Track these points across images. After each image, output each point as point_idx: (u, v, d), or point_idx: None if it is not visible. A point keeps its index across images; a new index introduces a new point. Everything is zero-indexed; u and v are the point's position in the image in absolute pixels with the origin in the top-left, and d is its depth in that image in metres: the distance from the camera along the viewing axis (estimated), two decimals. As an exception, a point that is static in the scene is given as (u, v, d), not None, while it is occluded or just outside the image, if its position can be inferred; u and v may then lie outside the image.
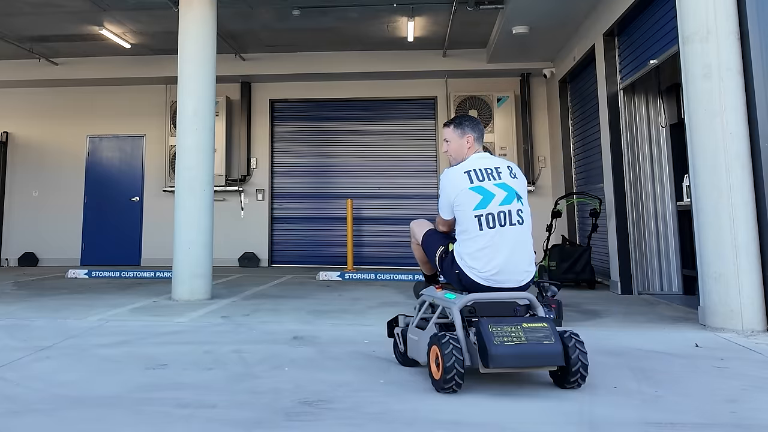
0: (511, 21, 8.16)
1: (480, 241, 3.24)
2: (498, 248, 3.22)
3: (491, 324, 2.94)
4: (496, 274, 3.22)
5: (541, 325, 2.98)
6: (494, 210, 3.25)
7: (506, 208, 3.27)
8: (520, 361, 2.91)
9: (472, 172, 3.34)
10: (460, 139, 3.50)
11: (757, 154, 4.57)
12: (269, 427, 2.56)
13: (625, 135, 7.10)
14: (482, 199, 3.27)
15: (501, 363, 2.87)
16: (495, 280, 3.23)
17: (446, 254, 3.43)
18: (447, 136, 3.56)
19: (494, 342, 2.86)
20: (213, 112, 6.76)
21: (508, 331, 2.92)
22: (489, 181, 3.31)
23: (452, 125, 3.55)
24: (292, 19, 8.68)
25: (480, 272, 3.23)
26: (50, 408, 2.82)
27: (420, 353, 3.23)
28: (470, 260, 3.25)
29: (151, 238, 10.87)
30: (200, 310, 5.70)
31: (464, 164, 3.41)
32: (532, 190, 10.31)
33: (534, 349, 2.89)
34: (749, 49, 4.63)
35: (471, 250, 3.25)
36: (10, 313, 5.48)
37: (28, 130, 11.48)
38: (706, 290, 4.74)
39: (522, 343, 2.88)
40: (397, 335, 3.53)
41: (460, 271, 3.28)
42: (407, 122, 10.93)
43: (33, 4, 8.21)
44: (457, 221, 3.36)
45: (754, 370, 3.47)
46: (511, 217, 3.27)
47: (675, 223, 6.94)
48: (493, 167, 3.37)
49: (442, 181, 3.45)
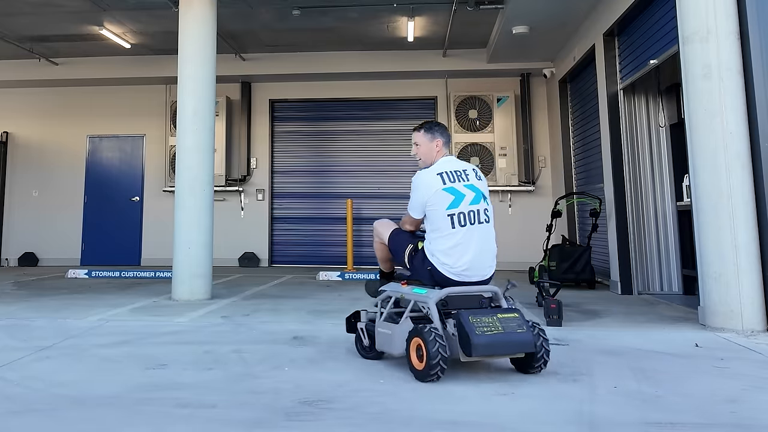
0: (511, 21, 8.16)
1: (452, 238, 3.44)
2: (468, 245, 3.44)
3: (471, 315, 3.16)
4: (466, 269, 3.44)
5: (514, 315, 3.25)
6: (465, 209, 3.47)
7: (475, 207, 3.50)
8: (499, 349, 3.17)
9: (444, 174, 3.54)
10: (429, 143, 3.69)
11: (757, 154, 4.57)
12: (269, 427, 2.56)
13: (625, 135, 7.10)
14: (454, 199, 3.47)
15: (483, 351, 3.10)
16: (465, 275, 3.44)
17: (416, 252, 3.60)
18: (417, 140, 3.73)
19: (476, 332, 3.08)
20: (213, 112, 6.76)
21: (487, 321, 3.16)
22: (459, 183, 3.53)
23: (422, 130, 3.73)
24: (292, 19, 8.68)
25: (452, 268, 3.43)
26: (50, 408, 2.82)
27: (394, 345, 3.40)
28: (443, 257, 3.44)
29: (151, 238, 10.87)
30: (200, 310, 5.70)
31: (436, 167, 3.60)
32: (532, 190, 10.32)
33: (510, 337, 3.15)
34: (749, 49, 4.63)
35: (444, 247, 3.44)
36: (10, 313, 5.48)
37: (28, 130, 11.48)
38: (706, 290, 4.74)
39: (500, 333, 3.13)
40: (361, 330, 3.69)
41: (433, 268, 3.46)
42: (407, 122, 10.89)
43: (33, 4, 8.21)
44: (429, 220, 3.54)
45: (754, 370, 3.47)
46: (479, 216, 3.50)
47: (675, 223, 6.94)
48: (461, 170, 3.60)
49: (415, 183, 3.60)
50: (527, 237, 9.71)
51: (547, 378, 3.26)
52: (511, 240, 10.07)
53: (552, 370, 3.41)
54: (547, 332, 4.50)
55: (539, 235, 8.61)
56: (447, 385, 3.13)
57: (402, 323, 3.38)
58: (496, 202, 10.41)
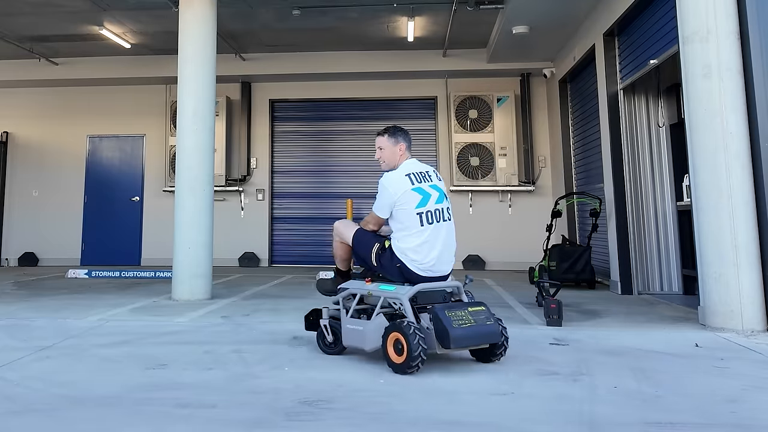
0: (511, 21, 8.16)
1: (421, 236, 3.63)
2: (435, 242, 3.66)
3: (447, 310, 3.36)
4: (433, 265, 3.64)
5: (481, 308, 3.48)
6: (432, 208, 3.69)
7: (439, 206, 3.72)
8: (473, 341, 3.38)
9: (411, 175, 3.74)
10: (393, 146, 3.87)
11: (757, 153, 4.57)
12: (269, 427, 2.56)
13: (625, 135, 7.10)
14: (422, 199, 3.68)
15: (459, 344, 3.31)
16: (431, 271, 3.64)
17: (383, 250, 3.74)
18: (381, 144, 3.91)
19: (453, 326, 3.28)
20: (213, 112, 6.76)
21: (461, 315, 3.36)
22: (425, 183, 3.74)
23: (386, 134, 3.91)
24: (292, 19, 8.68)
25: (420, 264, 3.62)
26: (50, 408, 2.82)
27: (366, 341, 3.52)
28: (412, 254, 3.62)
29: (151, 238, 10.86)
30: (200, 310, 5.70)
31: (402, 168, 3.78)
32: (532, 190, 10.32)
33: (481, 329, 3.38)
34: (749, 49, 4.63)
35: (413, 245, 3.62)
36: (10, 313, 5.48)
37: (28, 130, 11.48)
38: (706, 290, 4.74)
39: (473, 325, 3.35)
40: (325, 326, 3.81)
41: (402, 265, 3.62)
42: (407, 122, 10.85)
43: (33, 4, 8.21)
44: (397, 219, 3.70)
45: (754, 370, 3.47)
46: (443, 214, 3.73)
47: (675, 223, 6.94)
48: (425, 171, 3.81)
49: (384, 183, 3.76)
50: (527, 237, 9.71)
51: (547, 378, 3.27)
52: (511, 240, 10.10)
53: (552, 370, 3.41)
54: (548, 332, 4.53)
55: (539, 235, 8.60)
56: (447, 385, 3.13)
57: (374, 319, 3.52)
58: (496, 202, 10.43)
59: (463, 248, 10.11)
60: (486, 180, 10.28)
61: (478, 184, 10.29)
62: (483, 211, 10.37)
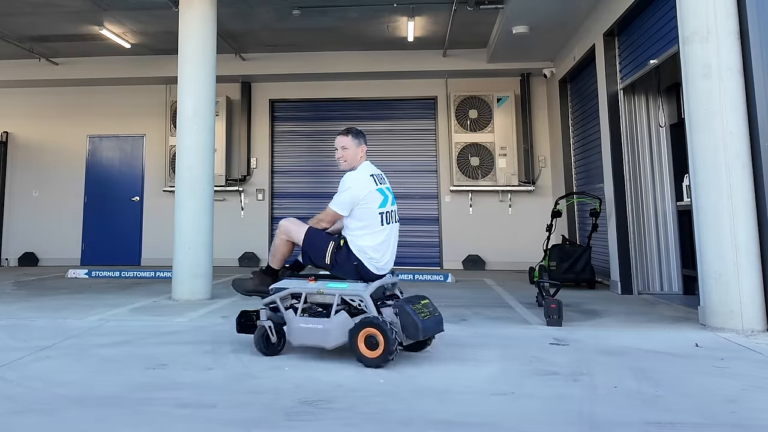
0: (511, 21, 8.16)
1: (381, 235, 3.79)
2: (389, 242, 3.85)
3: (411, 304, 3.60)
4: (386, 264, 3.82)
5: (427, 301, 3.77)
6: (389, 209, 3.88)
7: (393, 208, 3.92)
8: (432, 331, 3.67)
9: (374, 176, 3.88)
10: (356, 148, 3.96)
11: (757, 153, 4.57)
12: (269, 427, 2.56)
13: (625, 135, 7.10)
14: (383, 200, 3.85)
15: (426, 334, 3.61)
16: (383, 269, 3.81)
17: (339, 249, 3.81)
18: (345, 144, 3.96)
19: (420, 318, 3.53)
20: (213, 112, 6.76)
21: (419, 308, 3.62)
22: (383, 185, 3.91)
23: (350, 135, 3.99)
24: (292, 19, 8.68)
25: (378, 263, 3.77)
26: (50, 408, 2.82)
27: (328, 339, 3.60)
28: (372, 252, 3.75)
29: (151, 238, 10.85)
30: (200, 310, 5.70)
31: (365, 169, 3.90)
32: (532, 190, 10.32)
33: (436, 319, 3.71)
34: (749, 49, 4.63)
35: (374, 244, 3.76)
36: (10, 313, 5.48)
37: (28, 130, 11.48)
38: (706, 290, 4.74)
39: (431, 316, 3.66)
40: (269, 327, 3.79)
41: (359, 263, 3.74)
42: (407, 122, 10.92)
43: (33, 4, 8.21)
44: (357, 218, 3.80)
45: (754, 370, 3.47)
46: (395, 216, 3.94)
47: (675, 222, 6.93)
48: (380, 174, 3.96)
49: (348, 182, 3.83)
50: (527, 237, 9.70)
51: (548, 378, 3.27)
52: (511, 240, 10.09)
53: (552, 370, 3.41)
54: (548, 332, 4.53)
55: (539, 235, 8.60)
56: (447, 385, 3.13)
57: (335, 317, 3.61)
58: (496, 202, 10.42)
59: (463, 248, 10.13)
60: (486, 180, 10.27)
61: (478, 184, 10.29)
62: (483, 211, 10.37)
